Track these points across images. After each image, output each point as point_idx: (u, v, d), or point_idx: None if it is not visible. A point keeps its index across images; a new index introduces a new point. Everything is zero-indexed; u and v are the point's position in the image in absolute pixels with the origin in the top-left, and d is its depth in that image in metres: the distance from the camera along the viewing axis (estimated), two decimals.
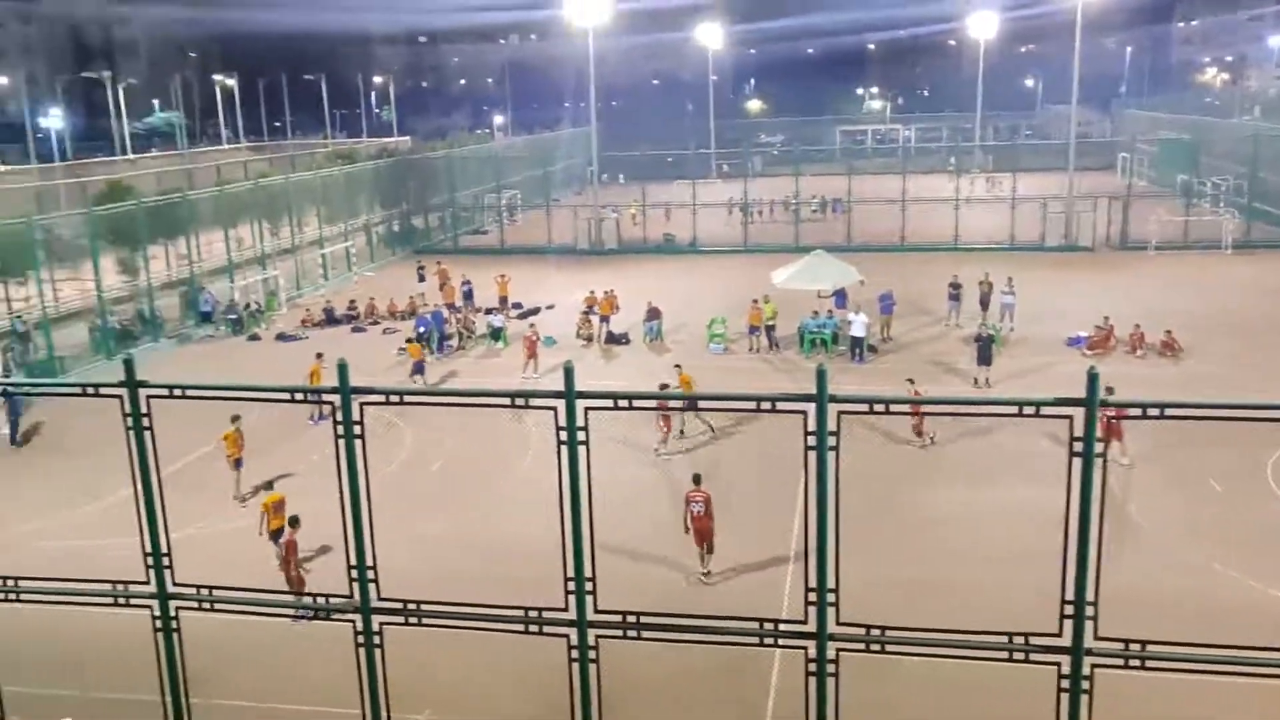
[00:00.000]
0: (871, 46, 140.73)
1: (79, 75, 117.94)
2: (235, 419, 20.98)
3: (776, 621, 11.12)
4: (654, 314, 34.21)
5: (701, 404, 22.79)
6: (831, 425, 10.27)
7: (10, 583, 12.71)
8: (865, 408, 10.35)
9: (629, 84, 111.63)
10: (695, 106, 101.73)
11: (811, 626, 10.72)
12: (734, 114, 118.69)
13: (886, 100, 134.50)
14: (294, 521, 17.07)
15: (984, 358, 27.87)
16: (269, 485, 18.92)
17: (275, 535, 17.41)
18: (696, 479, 17.28)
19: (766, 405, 10.60)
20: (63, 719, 12.15)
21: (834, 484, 10.40)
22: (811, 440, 10.31)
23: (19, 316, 33.00)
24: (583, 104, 71.13)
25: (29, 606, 12.89)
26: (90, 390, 12.16)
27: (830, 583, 10.62)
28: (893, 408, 12.13)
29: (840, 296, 34.28)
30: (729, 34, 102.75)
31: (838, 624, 10.72)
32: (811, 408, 10.26)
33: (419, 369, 28.93)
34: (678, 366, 26.09)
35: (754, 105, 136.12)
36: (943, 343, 32.57)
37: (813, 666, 10.78)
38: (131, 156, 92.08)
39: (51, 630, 14.39)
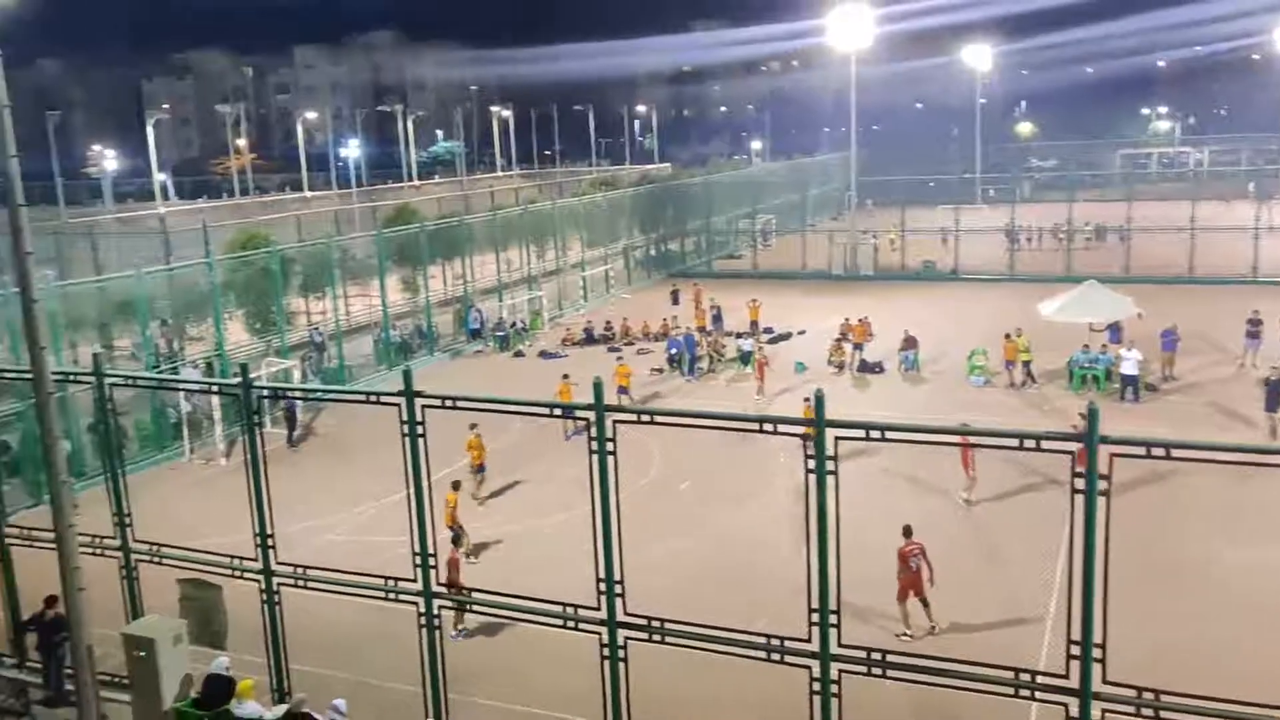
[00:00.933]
0: (1161, 64, 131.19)
1: (375, 109, 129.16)
2: (473, 427, 22.12)
3: (1034, 673, 10.48)
4: (910, 343, 33.24)
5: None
6: (1103, 468, 9.61)
7: (300, 570, 14.00)
8: (1142, 451, 9.57)
9: (890, 108, 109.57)
10: (961, 130, 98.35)
11: (1074, 682, 10.04)
12: (1002, 137, 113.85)
13: (1175, 121, 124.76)
14: (455, 540, 18.01)
15: (1273, 403, 25.11)
16: (455, 485, 19.82)
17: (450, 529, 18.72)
18: (908, 531, 16.22)
19: (1031, 443, 10.05)
20: (337, 699, 13.13)
21: (1103, 531, 9.72)
22: (1079, 483, 9.69)
23: (316, 328, 36.34)
24: (843, 128, 70.36)
25: (316, 594, 14.15)
26: (373, 398, 13.23)
27: (1096, 637, 9.91)
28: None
29: (1114, 331, 32.03)
30: (999, 55, 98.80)
31: (1104, 682, 9.98)
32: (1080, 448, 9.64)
33: (622, 391, 29.52)
34: (807, 400, 25.09)
35: (1024, 128, 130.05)
36: (1235, 384, 29.66)
37: None
38: (417, 183, 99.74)
39: (334, 616, 15.64)
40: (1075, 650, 10.06)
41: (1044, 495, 20.89)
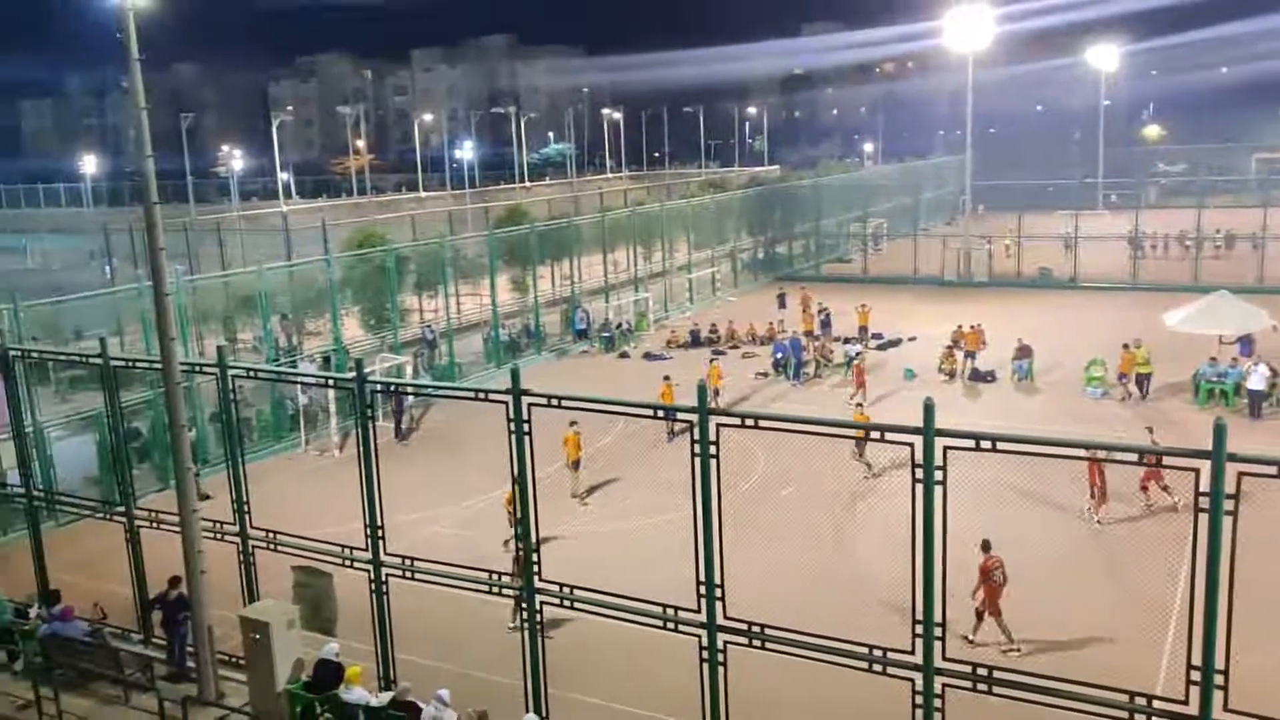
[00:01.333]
0: None
1: (489, 111, 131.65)
2: (573, 424, 22.31)
3: (1150, 696, 10.07)
4: (1024, 352, 32.33)
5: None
6: (1229, 487, 9.19)
7: (407, 562, 14.34)
8: (1274, 470, 9.12)
9: (1008, 110, 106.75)
10: (1083, 133, 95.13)
11: (1193, 709, 9.62)
12: (1127, 141, 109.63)
13: None
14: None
15: None
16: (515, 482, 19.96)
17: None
18: (986, 545, 15.72)
19: (1151, 459, 9.67)
20: (441, 689, 13.38)
21: (1229, 550, 9.30)
22: (1204, 501, 9.29)
23: (429, 325, 37.17)
24: (957, 131, 68.87)
25: (423, 586, 14.45)
26: (481, 395, 13.47)
27: (1218, 662, 9.48)
28: None
29: (1245, 343, 30.57)
30: (1126, 55, 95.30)
31: (1225, 709, 9.55)
32: (1206, 465, 9.24)
33: (714, 394, 29.35)
34: (859, 404, 26.41)
35: (1151, 131, 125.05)
36: None
37: None
38: (528, 184, 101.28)
39: (438, 608, 15.96)
40: (1195, 675, 9.64)
41: (1163, 512, 20.10)
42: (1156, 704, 10.01)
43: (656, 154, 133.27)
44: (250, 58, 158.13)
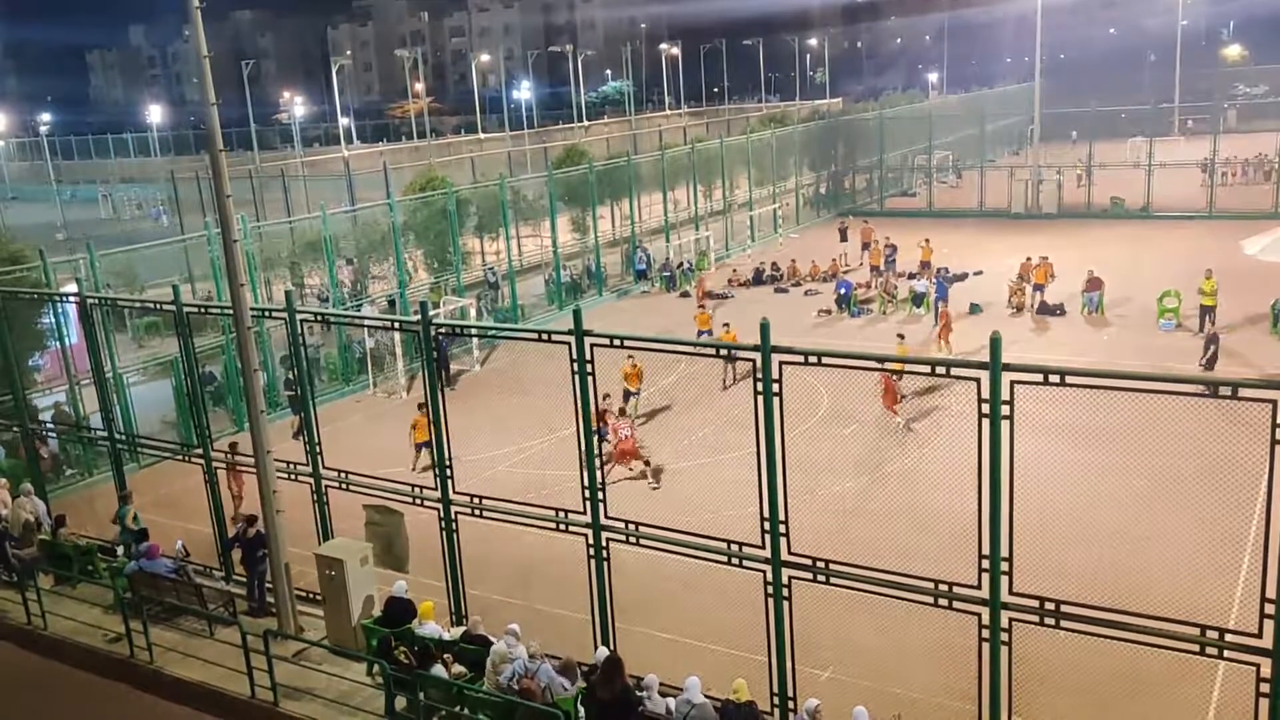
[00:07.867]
0: None
1: (546, 50, 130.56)
2: (630, 356, 22.70)
3: (1222, 630, 9.96)
4: (1094, 284, 31.59)
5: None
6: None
7: (475, 500, 14.61)
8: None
9: (1079, 35, 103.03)
10: (1159, 56, 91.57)
11: (1267, 642, 9.50)
12: (1205, 63, 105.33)
13: None
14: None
15: None
16: (420, 407, 20.46)
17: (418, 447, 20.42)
18: (622, 411, 19.94)
19: (1226, 391, 9.47)
20: (511, 624, 13.66)
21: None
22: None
23: (491, 268, 37.37)
24: (1025, 58, 66.70)
25: (491, 523, 14.72)
26: (544, 337, 13.56)
27: None
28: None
29: None
30: None
31: None
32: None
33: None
34: (900, 336, 26.46)
35: (1231, 52, 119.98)
36: None
37: (1265, 687, 9.58)
38: (586, 123, 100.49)
39: (507, 545, 16.27)
40: (1269, 609, 9.51)
41: (1237, 446, 19.65)
42: (1229, 638, 9.90)
43: (716, 89, 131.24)
44: (308, 2, 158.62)
